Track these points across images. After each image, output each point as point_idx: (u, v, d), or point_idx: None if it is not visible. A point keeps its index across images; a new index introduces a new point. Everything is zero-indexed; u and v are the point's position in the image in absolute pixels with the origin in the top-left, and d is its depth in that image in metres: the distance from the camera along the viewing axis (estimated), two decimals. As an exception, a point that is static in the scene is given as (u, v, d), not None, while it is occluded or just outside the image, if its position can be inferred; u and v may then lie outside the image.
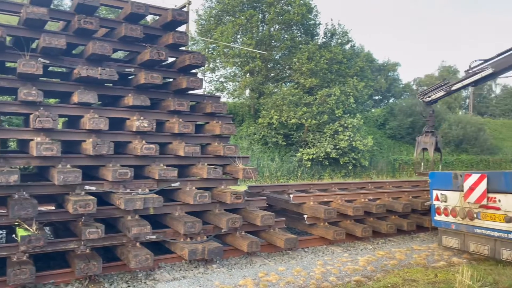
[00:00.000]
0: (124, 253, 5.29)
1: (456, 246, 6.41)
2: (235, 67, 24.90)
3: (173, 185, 6.02)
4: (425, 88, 9.70)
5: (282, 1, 23.78)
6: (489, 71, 8.36)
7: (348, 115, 22.59)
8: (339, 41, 26.00)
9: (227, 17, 24.65)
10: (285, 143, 22.71)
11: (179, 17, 6.30)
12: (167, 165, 6.02)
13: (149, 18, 10.40)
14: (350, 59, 25.80)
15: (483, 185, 5.89)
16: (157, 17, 6.78)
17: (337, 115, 22.05)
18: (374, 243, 7.34)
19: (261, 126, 22.66)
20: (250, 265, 5.91)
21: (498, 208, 5.71)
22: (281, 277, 5.22)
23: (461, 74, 52.62)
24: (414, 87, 50.93)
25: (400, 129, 29.24)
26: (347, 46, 26.98)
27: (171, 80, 6.74)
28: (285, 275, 5.32)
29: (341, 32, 26.15)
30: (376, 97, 41.51)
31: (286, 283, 5.01)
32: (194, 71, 6.92)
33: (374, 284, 4.89)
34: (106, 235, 5.19)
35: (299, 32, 25.07)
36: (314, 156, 21.10)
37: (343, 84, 23.55)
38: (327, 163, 21.71)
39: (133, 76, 6.36)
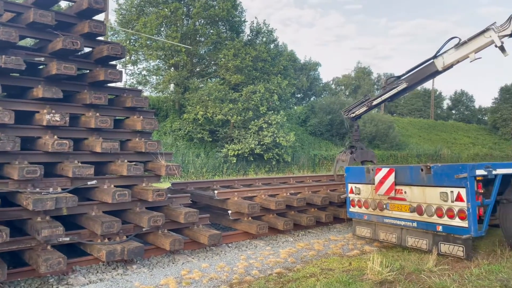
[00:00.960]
0: (33, 257, 4.88)
1: (368, 236, 6.89)
2: (158, 60, 24.19)
3: (89, 183, 5.68)
4: (348, 105, 10.35)
5: (208, -4, 23.61)
6: (404, 85, 9.25)
7: (272, 112, 23.16)
8: (264, 39, 26.50)
9: (150, 8, 23.82)
10: (210, 139, 22.63)
11: (96, 5, 5.93)
12: (82, 162, 5.66)
13: (63, 4, 9.67)
14: (275, 58, 26.44)
15: (391, 178, 6.38)
16: (72, 4, 6.32)
17: (261, 112, 22.50)
18: (295, 235, 7.63)
19: (186, 122, 22.33)
20: (173, 263, 5.80)
21: (404, 199, 6.23)
22: (204, 274, 5.20)
23: (375, 75, 56.41)
24: (333, 86, 53.77)
25: (320, 126, 30.68)
26: (272, 45, 27.60)
27: (87, 71, 6.34)
28: (209, 272, 5.31)
29: (266, 31, 26.69)
30: (298, 95, 43.06)
31: (209, 279, 5.00)
32: (113, 63, 6.57)
33: (294, 275, 5.07)
34: (11, 239, 4.74)
35: (224, 28, 25.08)
36: (240, 152, 21.33)
37: (268, 82, 24.07)
38: (252, 159, 22.07)
39: (43, 66, 5.87)
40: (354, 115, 9.94)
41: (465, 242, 5.34)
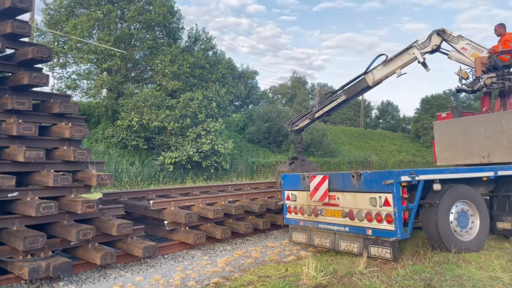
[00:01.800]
0: None
1: (304, 241, 7.07)
2: (90, 64, 23.04)
3: (9, 195, 5.23)
4: (292, 119, 10.64)
5: (143, 0, 23.01)
6: (343, 98, 9.73)
7: (211, 119, 23.06)
8: (203, 46, 26.38)
9: (81, 10, 22.70)
10: (146, 147, 21.96)
11: (20, 4, 5.52)
12: (3, 173, 5.20)
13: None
14: (213, 65, 26.41)
15: (325, 185, 6.61)
16: (-9, 1, 5.82)
17: (200, 119, 22.30)
18: (233, 243, 7.61)
19: (120, 129, 21.47)
20: (104, 278, 5.50)
21: (337, 205, 6.48)
22: (138, 288, 4.99)
23: (309, 85, 58.39)
24: (270, 94, 54.86)
25: (258, 134, 31.11)
26: (210, 52, 27.55)
27: (9, 74, 5.87)
28: (143, 285, 5.12)
29: (205, 38, 26.59)
30: (237, 103, 43.36)
31: (144, 294, 4.82)
32: (39, 65, 6.15)
33: (231, 284, 5.05)
34: None
35: (161, 33, 24.58)
36: (177, 160, 20.92)
37: (206, 89, 23.95)
38: (190, 167, 21.75)
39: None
40: (298, 127, 10.21)
41: (392, 244, 5.66)
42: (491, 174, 6.67)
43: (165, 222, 7.02)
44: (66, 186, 5.75)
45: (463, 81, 8.83)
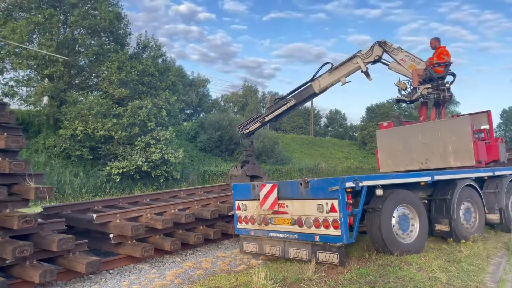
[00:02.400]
0: None
1: (255, 251, 7.08)
2: (30, 70, 21.78)
3: None
4: (243, 121, 10.69)
5: (88, 4, 22.21)
6: (292, 102, 9.95)
7: (161, 128, 22.58)
8: (152, 53, 25.86)
9: (20, 13, 21.48)
10: (91, 157, 21.04)
11: None
12: None
13: None
14: (163, 73, 25.94)
15: (274, 193, 6.69)
16: None
17: (149, 128, 21.76)
18: (183, 255, 7.47)
19: (63, 138, 20.43)
20: (43, 298, 5.18)
21: (286, 213, 6.57)
22: (81, 306, 4.75)
23: (260, 94, 59.02)
24: (222, 103, 54.82)
25: (210, 142, 30.91)
26: (160, 60, 27.07)
27: None
28: (86, 303, 4.87)
29: (154, 46, 26.10)
30: (188, 111, 42.87)
31: (87, 312, 4.58)
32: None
33: (180, 297, 4.95)
34: None
35: (107, 39, 23.81)
36: (124, 170, 20.25)
37: (155, 97, 23.45)
38: (138, 177, 21.12)
39: None
40: (248, 131, 10.31)
41: (339, 249, 5.83)
42: (428, 179, 7.08)
43: (111, 235, 6.75)
44: (0, 200, 5.37)
45: (402, 92, 9.34)
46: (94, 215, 6.84)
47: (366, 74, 9.65)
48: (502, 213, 8.34)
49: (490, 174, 8.40)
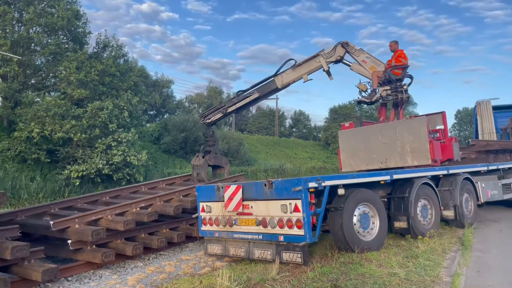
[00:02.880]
0: None
1: (219, 252, 7.05)
2: (-19, 69, 20.63)
3: None
4: (205, 111, 10.58)
5: (45, 2, 21.33)
6: (256, 95, 9.95)
7: (123, 129, 22.00)
8: (113, 53, 25.15)
9: (-30, 9, 20.30)
10: (49, 160, 20.18)
11: None
12: None
13: None
14: (124, 73, 25.29)
15: (239, 195, 6.69)
16: None
17: (110, 129, 21.14)
18: (145, 259, 7.31)
19: (18, 141, 19.47)
20: (-5, 309, 4.92)
21: (251, 214, 6.59)
22: (36, 317, 4.54)
23: (225, 95, 58.98)
24: (187, 104, 54.21)
25: (174, 144, 30.46)
26: (121, 60, 26.38)
27: None
28: (42, 313, 4.66)
29: (116, 45, 25.39)
30: (151, 112, 42.06)
31: (43, 322, 4.39)
32: None
33: (143, 303, 4.84)
34: None
35: (65, 38, 22.94)
36: (84, 173, 19.56)
37: (117, 98, 22.82)
38: (99, 180, 20.47)
39: None
40: (210, 120, 10.28)
41: (302, 248, 5.90)
42: (387, 178, 7.32)
43: (69, 242, 6.50)
44: None
45: (363, 93, 9.61)
46: (51, 222, 6.54)
47: (328, 73, 9.83)
48: (457, 210, 8.76)
49: (445, 172, 8.80)
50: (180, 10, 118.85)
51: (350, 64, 9.74)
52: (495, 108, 15.56)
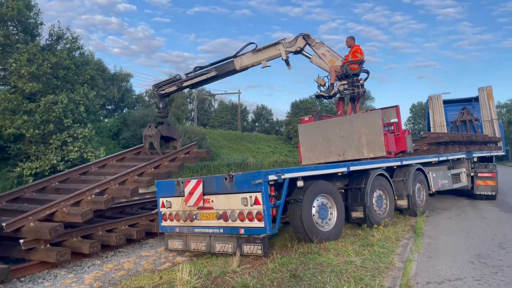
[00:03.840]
0: None
1: (180, 248, 7.00)
2: None
3: None
4: (160, 82, 10.29)
5: (-8, -10, 20.12)
6: (213, 73, 9.80)
7: (79, 124, 21.25)
8: (68, 46, 24.13)
9: None
10: (-1, 157, 19.20)
11: None
12: None
13: None
14: (80, 66, 24.36)
15: (200, 189, 6.66)
16: None
17: (66, 125, 20.36)
18: (103, 257, 7.14)
19: (-35, 138, 18.37)
20: None
21: (211, 208, 6.58)
22: (-15, 320, 4.33)
23: (187, 89, 58.31)
24: (147, 98, 53.02)
25: (134, 139, 29.76)
26: (77, 53, 25.36)
27: None
28: (-8, 316, 4.46)
29: (71, 38, 24.36)
30: (109, 107, 40.84)
31: (-8, 326, 4.20)
32: None
33: (100, 301, 4.74)
34: None
35: (15, 29, 21.76)
36: (38, 170, 18.76)
37: (72, 92, 21.97)
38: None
39: None
40: (164, 92, 10.11)
41: (263, 240, 5.98)
42: (344, 169, 7.54)
43: (21, 241, 6.22)
44: None
45: (321, 88, 9.79)
46: (3, 224, 6.18)
47: (287, 62, 9.84)
48: (410, 199, 9.17)
49: (399, 163, 9.17)
50: (137, 1, 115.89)
51: (311, 56, 9.85)
52: (446, 102, 16.33)
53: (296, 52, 9.81)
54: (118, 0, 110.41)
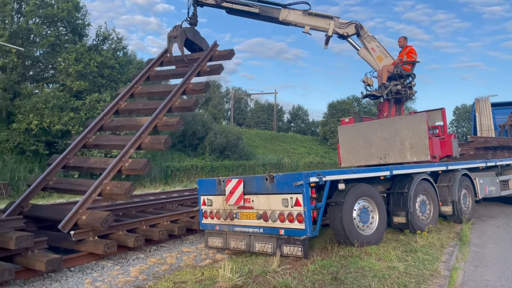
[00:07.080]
0: None
1: (220, 245, 7.11)
2: (-20, 60, 20.55)
3: None
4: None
5: (45, -7, 21.24)
6: (256, 10, 9.50)
7: (121, 122, 21.98)
8: (113, 46, 25.10)
9: (-31, 0, 20.19)
10: (47, 152, 20.20)
11: None
12: None
13: None
14: (123, 65, 25.26)
15: (240, 189, 6.74)
16: None
17: (109, 122, 21.14)
18: (147, 251, 7.37)
19: (16, 133, 19.48)
20: (0, 298, 4.97)
21: (252, 208, 6.64)
22: (41, 306, 4.60)
23: (224, 89, 58.47)
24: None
25: (172, 137, 30.32)
26: (121, 53, 26.31)
27: None
28: (47, 303, 4.72)
29: (115, 39, 25.33)
30: (150, 106, 41.92)
31: (48, 311, 4.45)
32: None
33: (146, 293, 4.91)
34: None
35: (65, 30, 22.85)
36: (83, 165, 19.58)
37: (115, 90, 22.81)
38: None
39: None
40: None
41: (303, 242, 5.97)
42: (387, 173, 7.39)
43: (71, 233, 6.54)
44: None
45: (368, 88, 9.59)
46: (72, 232, 6.48)
47: (327, 40, 9.53)
48: (455, 205, 8.85)
49: (444, 168, 8.88)
50: (175, 2, 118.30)
51: (359, 48, 9.61)
52: (494, 105, 15.64)
53: (341, 36, 9.50)
54: (157, 0, 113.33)
